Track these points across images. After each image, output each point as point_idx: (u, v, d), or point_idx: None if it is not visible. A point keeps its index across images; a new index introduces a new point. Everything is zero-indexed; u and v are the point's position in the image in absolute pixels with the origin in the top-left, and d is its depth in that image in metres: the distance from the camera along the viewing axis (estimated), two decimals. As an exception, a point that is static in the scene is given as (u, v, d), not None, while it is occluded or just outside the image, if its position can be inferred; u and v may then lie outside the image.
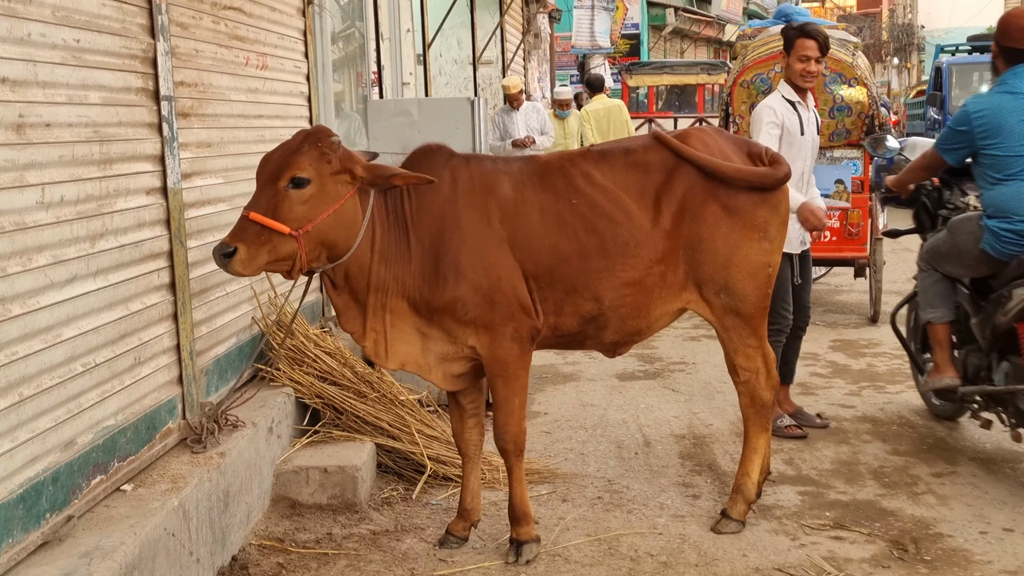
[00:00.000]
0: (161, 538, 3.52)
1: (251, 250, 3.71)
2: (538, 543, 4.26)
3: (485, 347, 4.07)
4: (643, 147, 4.32)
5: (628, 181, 4.22)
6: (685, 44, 34.02)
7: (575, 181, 4.17)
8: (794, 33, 5.61)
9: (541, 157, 4.37)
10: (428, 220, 4.03)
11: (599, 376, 7.19)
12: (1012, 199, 4.75)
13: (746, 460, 4.55)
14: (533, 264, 4.07)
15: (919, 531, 4.45)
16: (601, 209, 4.14)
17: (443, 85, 12.91)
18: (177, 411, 4.23)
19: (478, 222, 4.04)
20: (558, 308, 4.15)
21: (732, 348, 4.43)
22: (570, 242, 4.10)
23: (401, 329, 4.08)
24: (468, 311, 4.01)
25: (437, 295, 4.01)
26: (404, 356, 4.12)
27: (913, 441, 5.64)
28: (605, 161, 4.26)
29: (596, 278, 4.13)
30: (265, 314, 5.15)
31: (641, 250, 4.16)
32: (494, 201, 4.08)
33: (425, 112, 6.09)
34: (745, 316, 4.35)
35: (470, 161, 4.20)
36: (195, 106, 4.47)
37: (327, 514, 4.67)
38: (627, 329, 4.29)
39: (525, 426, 4.25)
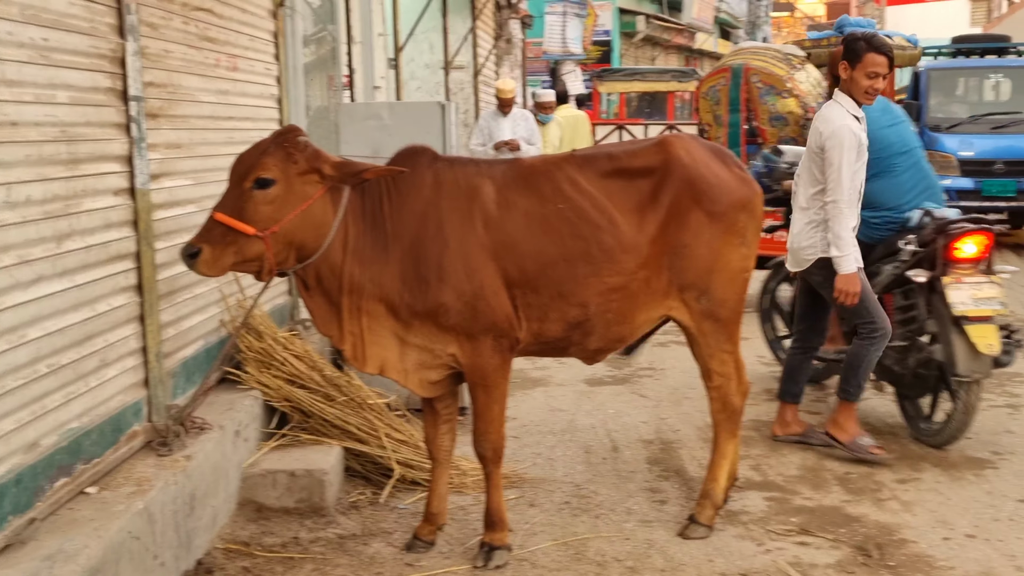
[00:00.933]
0: (125, 541, 3.48)
1: (216, 251, 3.73)
2: (509, 551, 4.25)
3: (466, 355, 4.05)
4: (627, 153, 4.33)
5: (613, 187, 4.22)
6: (656, 51, 34.14)
7: (561, 186, 4.16)
8: (863, 46, 5.13)
9: (525, 161, 4.35)
10: (409, 222, 4.01)
11: (568, 381, 7.19)
12: (880, 193, 5.66)
13: (714, 465, 4.57)
14: (518, 269, 4.05)
15: (883, 537, 4.48)
16: (587, 214, 4.13)
17: (415, 89, 12.88)
18: (143, 413, 4.19)
19: (462, 226, 4.01)
20: (543, 314, 4.13)
21: (708, 353, 4.44)
22: (556, 247, 4.09)
23: (379, 333, 4.05)
24: (450, 318, 3.99)
25: (419, 300, 3.98)
26: (382, 360, 4.09)
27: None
28: (590, 166, 4.25)
29: (582, 283, 4.12)
30: (233, 317, 5.12)
31: (626, 256, 4.16)
32: (478, 205, 4.05)
33: (396, 116, 6.06)
34: (723, 321, 4.38)
35: (454, 164, 4.18)
36: (164, 107, 4.44)
37: (294, 518, 4.65)
38: (611, 336, 4.29)
39: (504, 433, 4.25)
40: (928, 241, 5.54)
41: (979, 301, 5.39)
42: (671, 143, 4.36)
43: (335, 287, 3.98)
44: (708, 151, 4.44)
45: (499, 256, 4.03)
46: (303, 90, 7.31)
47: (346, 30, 8.72)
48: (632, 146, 4.42)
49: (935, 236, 5.50)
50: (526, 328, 4.13)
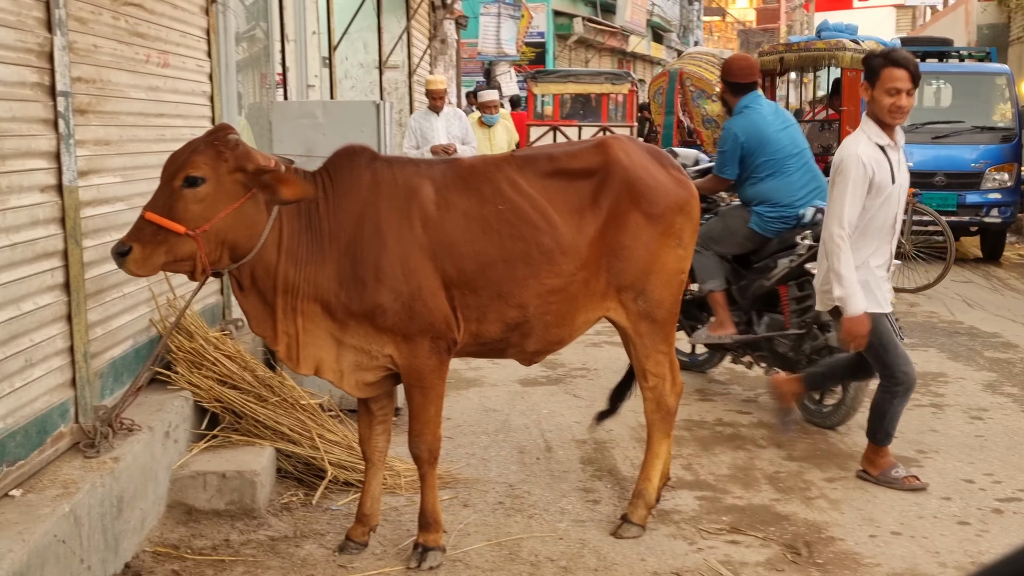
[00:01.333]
0: (51, 545, 3.41)
1: (146, 250, 3.69)
2: (443, 552, 4.24)
3: (403, 357, 4.03)
4: (567, 154, 4.34)
5: (553, 188, 4.22)
6: (590, 54, 34.36)
7: (500, 187, 4.15)
8: (879, 62, 4.86)
9: (465, 161, 4.33)
10: (346, 222, 3.97)
11: (502, 381, 7.19)
12: (775, 191, 6.14)
13: (648, 465, 4.60)
14: (457, 270, 4.03)
15: (812, 535, 4.55)
16: (526, 216, 4.12)
17: (349, 88, 12.79)
18: (70, 414, 4.11)
19: (400, 226, 3.99)
20: (481, 315, 4.11)
21: (644, 353, 4.47)
22: (496, 248, 4.08)
23: (314, 333, 4.02)
24: (387, 319, 3.96)
25: (355, 300, 3.95)
26: (318, 361, 4.06)
27: (807, 447, 5.76)
28: (529, 167, 4.25)
29: (521, 285, 4.11)
30: (163, 316, 5.04)
31: (566, 257, 4.17)
32: (417, 205, 4.03)
33: (330, 115, 6.01)
34: (659, 322, 4.41)
35: (393, 164, 4.15)
36: (93, 103, 4.36)
37: (224, 520, 4.59)
38: (550, 338, 4.30)
39: (440, 434, 4.24)
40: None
41: None
42: (610, 144, 4.38)
43: (269, 287, 3.94)
44: (646, 153, 4.47)
45: (437, 257, 4.01)
46: (235, 87, 7.22)
47: (279, 28, 8.64)
48: (571, 147, 4.43)
49: None
50: (464, 329, 4.12)
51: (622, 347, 4.59)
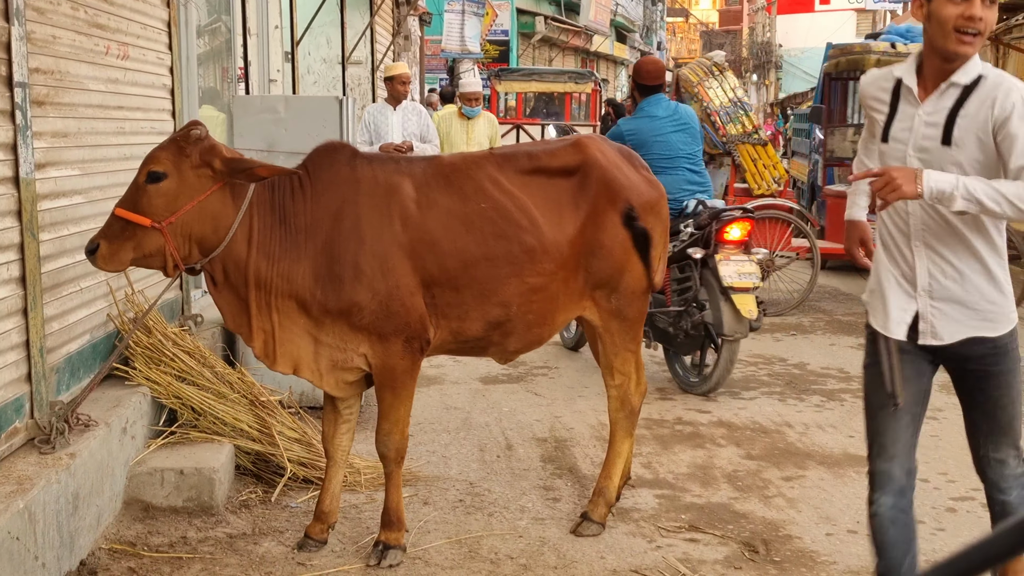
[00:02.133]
0: (4, 542, 3.36)
1: (114, 245, 3.76)
2: (404, 552, 4.23)
3: (377, 356, 4.02)
4: (546, 152, 4.36)
5: (533, 186, 4.24)
6: (554, 52, 34.40)
7: (483, 184, 4.15)
8: None
9: (445, 158, 4.32)
10: (324, 219, 3.96)
11: (463, 379, 7.19)
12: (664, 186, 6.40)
13: (609, 464, 4.62)
14: (439, 267, 4.03)
15: (769, 533, 4.58)
16: (509, 214, 4.13)
17: (311, 84, 12.73)
18: (25, 410, 4.06)
19: (379, 224, 3.98)
20: (463, 313, 4.11)
21: (612, 351, 4.50)
22: (478, 246, 4.08)
23: (291, 330, 4.00)
24: (364, 317, 3.95)
25: (332, 297, 3.93)
26: (295, 359, 4.04)
27: (765, 446, 5.80)
28: (509, 165, 4.26)
29: (504, 283, 4.12)
30: (121, 311, 4.99)
31: (547, 256, 4.18)
32: (397, 203, 4.02)
33: (292, 110, 5.98)
34: (629, 320, 4.46)
35: (373, 161, 4.15)
36: (51, 94, 4.30)
37: (182, 517, 4.55)
38: (531, 337, 4.32)
39: (408, 434, 4.23)
40: (703, 225, 6.60)
41: (742, 275, 6.47)
42: (586, 144, 4.41)
43: (241, 282, 3.94)
44: (618, 153, 4.51)
45: (418, 255, 4.01)
46: (197, 81, 7.16)
47: (242, 22, 8.58)
48: (549, 146, 4.46)
49: (710, 221, 6.57)
50: (445, 327, 4.12)
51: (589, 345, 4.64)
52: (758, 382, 7.23)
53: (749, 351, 8.19)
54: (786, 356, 8.04)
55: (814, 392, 6.96)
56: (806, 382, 7.24)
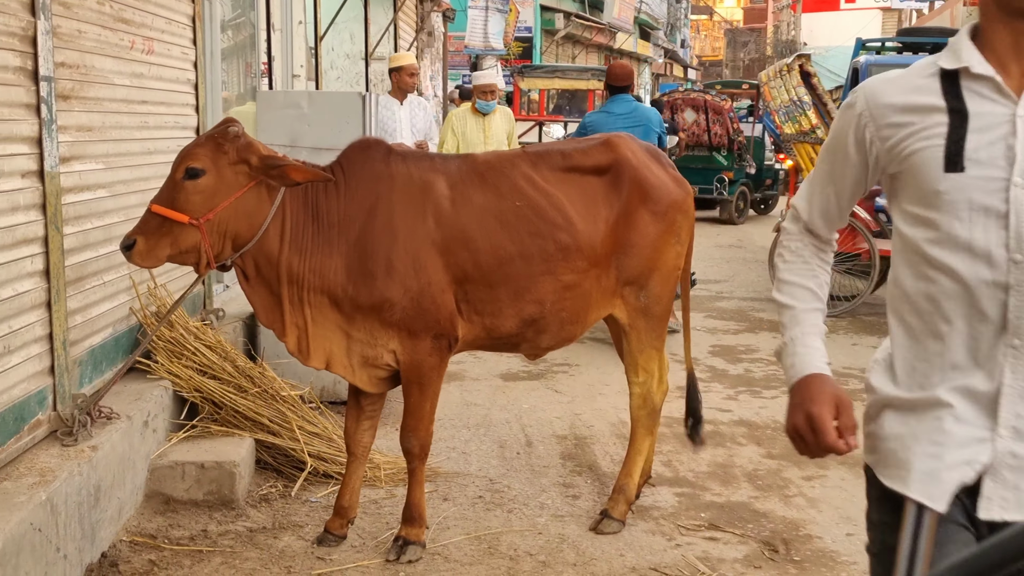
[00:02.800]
0: (27, 533, 3.39)
1: (150, 241, 3.78)
2: (423, 548, 4.23)
3: (406, 352, 4.04)
4: (578, 151, 4.38)
5: (567, 185, 4.27)
6: (577, 49, 34.35)
7: (517, 183, 4.18)
8: None
9: (479, 157, 4.34)
10: (358, 215, 3.98)
11: (483, 376, 7.19)
12: None
13: (630, 461, 4.61)
14: (472, 264, 4.04)
15: (789, 532, 4.56)
16: (544, 212, 4.16)
17: (334, 79, 12.75)
18: (48, 402, 4.09)
19: (412, 221, 3.99)
20: (497, 310, 4.13)
21: (638, 348, 4.51)
22: (513, 244, 4.10)
23: (323, 326, 4.02)
24: (395, 313, 3.97)
25: (363, 293, 3.95)
26: (328, 354, 4.06)
27: (786, 445, 5.77)
28: (543, 163, 4.29)
29: (539, 281, 4.15)
30: (144, 305, 5.01)
31: (582, 254, 4.21)
32: (431, 200, 4.04)
33: (315, 105, 5.99)
34: (655, 317, 4.48)
35: (408, 158, 4.17)
36: (76, 88, 4.33)
37: (203, 510, 4.57)
38: (564, 334, 4.35)
39: (432, 431, 4.25)
40: None
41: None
42: (617, 143, 4.43)
43: (274, 277, 3.96)
44: (647, 152, 4.54)
45: (451, 252, 4.02)
46: (220, 76, 7.19)
47: (266, 17, 8.60)
48: (581, 144, 4.48)
49: None
50: (479, 323, 4.14)
51: (605, 344, 4.62)
52: (779, 381, 7.19)
53: (770, 349, 8.16)
54: (808, 355, 7.98)
55: (836, 392, 6.92)
56: (828, 382, 7.18)
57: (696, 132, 17.41)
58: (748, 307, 10.09)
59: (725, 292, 10.92)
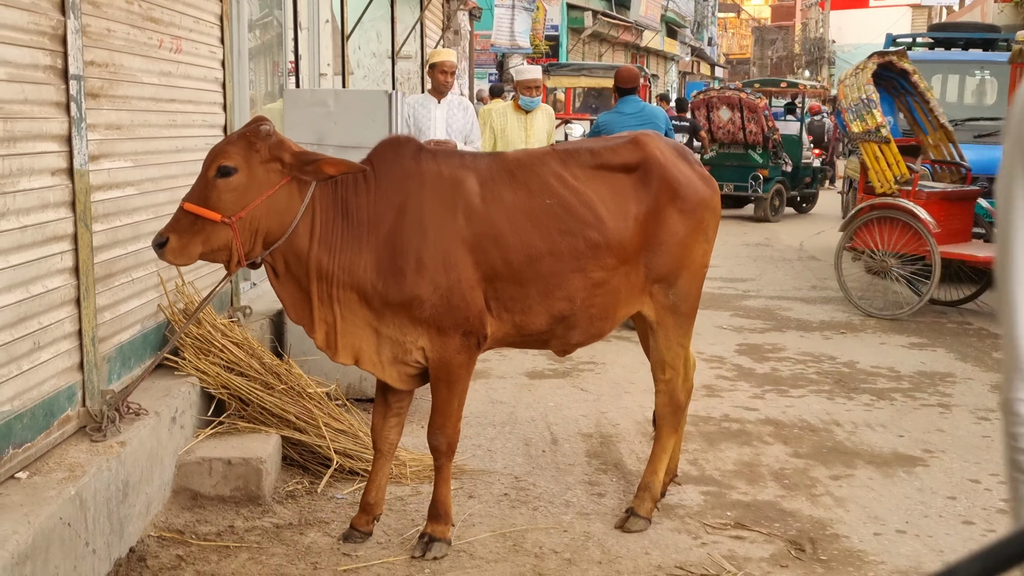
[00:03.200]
0: (56, 528, 3.42)
1: (183, 239, 3.80)
2: (449, 545, 4.24)
3: (434, 349, 4.05)
4: (608, 149, 4.39)
5: (596, 182, 4.27)
6: (603, 48, 34.31)
7: (547, 180, 4.19)
8: None
9: (509, 155, 4.34)
10: (387, 212, 4.00)
11: (509, 374, 7.19)
12: None
13: (655, 459, 4.61)
14: (502, 262, 4.06)
15: (816, 531, 4.54)
16: (574, 210, 4.17)
17: (361, 78, 12.79)
18: (77, 398, 4.12)
19: (442, 219, 4.01)
20: (527, 307, 4.15)
21: (665, 345, 4.51)
22: (543, 241, 4.12)
23: (352, 322, 4.04)
24: (424, 310, 3.98)
25: (393, 290, 3.97)
26: (357, 350, 4.08)
27: (813, 444, 5.75)
28: (572, 161, 4.30)
29: (569, 278, 4.16)
30: (172, 301, 5.05)
31: (611, 251, 4.22)
32: (461, 198, 4.05)
33: (342, 103, 6.01)
34: (683, 314, 4.49)
35: (438, 156, 4.18)
36: (105, 87, 4.36)
37: (230, 506, 4.60)
38: (593, 330, 4.36)
39: (460, 428, 4.26)
40: None
41: None
42: (645, 142, 4.43)
43: (303, 274, 3.98)
44: (674, 150, 4.54)
45: (481, 249, 4.03)
46: (248, 74, 7.23)
47: (293, 16, 8.64)
48: (609, 143, 4.47)
49: None
50: (509, 320, 4.16)
51: (631, 342, 4.61)
52: (807, 380, 7.16)
53: (797, 348, 8.13)
54: (835, 354, 7.96)
55: (863, 391, 6.89)
56: (855, 380, 7.16)
57: (731, 130, 17.49)
58: (775, 306, 10.04)
59: (752, 291, 10.88)
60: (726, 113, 17.54)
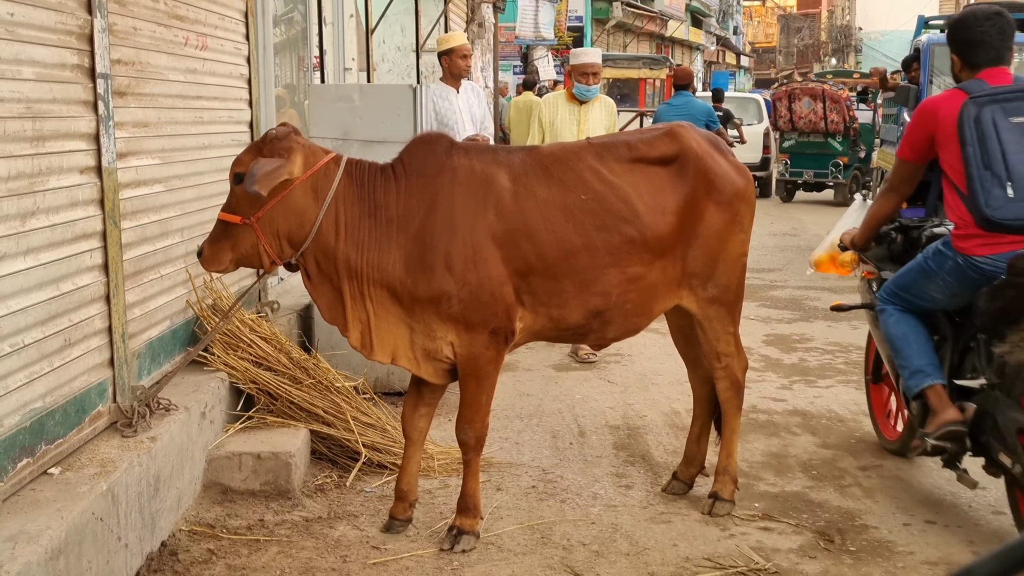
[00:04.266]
0: (89, 523, 3.46)
1: (215, 247, 4.01)
2: (477, 538, 4.26)
3: (463, 345, 4.06)
4: (644, 142, 4.38)
5: (633, 176, 4.27)
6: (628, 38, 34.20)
7: (583, 175, 4.19)
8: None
9: (544, 149, 4.34)
10: (418, 209, 4.03)
11: (535, 366, 7.20)
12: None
13: (728, 442, 4.67)
14: (536, 256, 4.07)
15: (845, 522, 4.52)
16: (610, 204, 4.17)
17: (386, 72, 12.81)
18: (108, 394, 4.16)
19: (474, 215, 4.02)
20: (563, 302, 4.16)
21: (714, 337, 4.53)
22: (579, 236, 4.12)
23: (386, 319, 4.07)
24: (453, 306, 4.00)
25: (422, 286, 3.99)
26: (392, 348, 4.11)
27: (841, 435, 5.73)
28: (609, 155, 4.29)
29: (604, 273, 4.17)
30: (200, 298, 5.08)
31: (648, 246, 4.23)
32: (493, 194, 4.06)
33: (367, 98, 6.02)
34: (727, 305, 4.50)
35: (471, 151, 4.19)
36: (132, 85, 4.40)
37: (259, 500, 4.63)
38: (629, 325, 4.37)
39: (488, 423, 4.27)
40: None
41: None
42: (681, 133, 4.42)
43: (333, 273, 4.03)
44: (709, 141, 4.52)
45: (513, 244, 4.04)
46: (272, 70, 7.25)
47: (317, 11, 8.66)
48: (645, 135, 4.47)
49: None
50: (544, 314, 4.17)
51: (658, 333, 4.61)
52: (834, 370, 7.13)
53: (825, 339, 8.09)
54: (863, 344, 7.89)
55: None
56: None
57: (812, 119, 18.67)
58: (802, 296, 10.00)
59: (779, 281, 10.84)
60: (808, 104, 18.69)
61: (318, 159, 4.01)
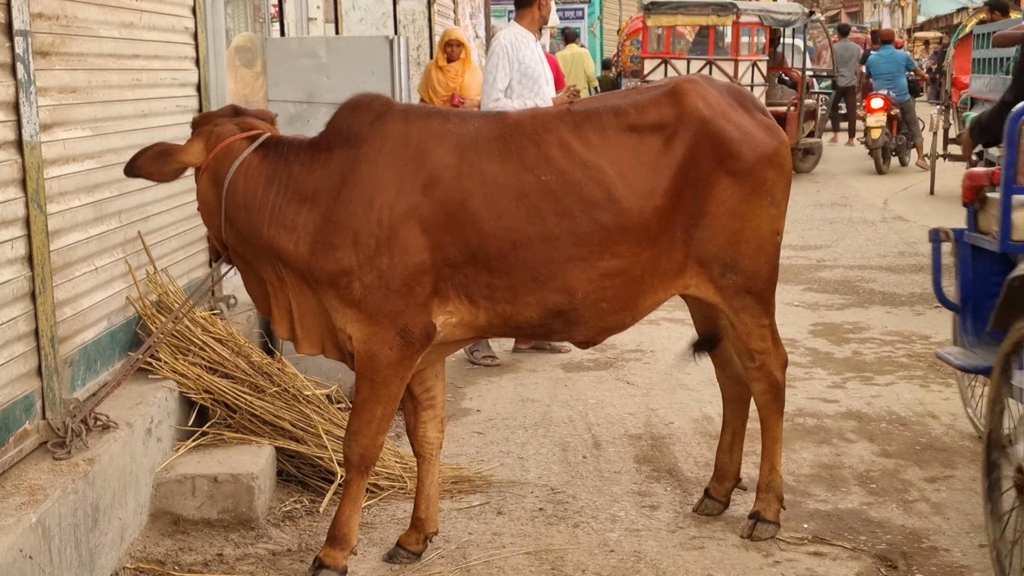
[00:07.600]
0: (16, 561, 3.46)
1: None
2: (342, 575, 4.20)
3: (362, 340, 4.06)
4: (635, 105, 4.30)
5: (618, 150, 4.20)
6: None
7: (548, 151, 4.13)
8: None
9: (511, 117, 4.30)
10: (335, 181, 4.06)
11: (541, 367, 7.21)
12: None
13: (769, 453, 4.64)
14: (476, 246, 4.05)
15: (910, 545, 4.54)
16: (577, 188, 4.11)
17: (357, 22, 12.77)
18: (36, 409, 4.16)
19: (397, 191, 4.02)
20: (512, 297, 4.14)
21: (745, 332, 4.47)
22: (531, 224, 4.08)
23: (308, 307, 4.14)
24: (354, 289, 4.00)
25: (321, 261, 4.02)
26: (319, 338, 4.20)
27: (904, 441, 5.74)
28: (589, 124, 4.22)
29: (566, 267, 4.12)
30: (143, 293, 5.08)
31: (628, 235, 4.16)
32: (426, 169, 4.05)
33: (335, 53, 6.02)
34: (757, 294, 4.43)
35: (411, 116, 4.18)
36: (57, 43, 4.38)
37: (217, 531, 4.64)
38: (605, 325, 4.32)
39: (381, 442, 4.25)
40: None
41: None
42: (685, 90, 4.31)
43: (253, 259, 4.17)
44: (727, 96, 4.42)
45: (446, 230, 4.04)
46: (223, 23, 7.23)
47: (275, -49, 8.64)
48: (640, 97, 4.37)
49: None
50: (490, 309, 4.16)
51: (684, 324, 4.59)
52: (895, 364, 7.14)
53: (883, 327, 8.10)
54: (929, 333, 7.91)
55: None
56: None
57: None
58: (855, 277, 10.01)
59: (827, 260, 10.84)
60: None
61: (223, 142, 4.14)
